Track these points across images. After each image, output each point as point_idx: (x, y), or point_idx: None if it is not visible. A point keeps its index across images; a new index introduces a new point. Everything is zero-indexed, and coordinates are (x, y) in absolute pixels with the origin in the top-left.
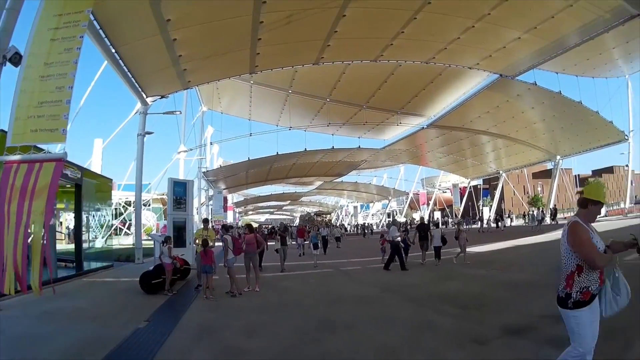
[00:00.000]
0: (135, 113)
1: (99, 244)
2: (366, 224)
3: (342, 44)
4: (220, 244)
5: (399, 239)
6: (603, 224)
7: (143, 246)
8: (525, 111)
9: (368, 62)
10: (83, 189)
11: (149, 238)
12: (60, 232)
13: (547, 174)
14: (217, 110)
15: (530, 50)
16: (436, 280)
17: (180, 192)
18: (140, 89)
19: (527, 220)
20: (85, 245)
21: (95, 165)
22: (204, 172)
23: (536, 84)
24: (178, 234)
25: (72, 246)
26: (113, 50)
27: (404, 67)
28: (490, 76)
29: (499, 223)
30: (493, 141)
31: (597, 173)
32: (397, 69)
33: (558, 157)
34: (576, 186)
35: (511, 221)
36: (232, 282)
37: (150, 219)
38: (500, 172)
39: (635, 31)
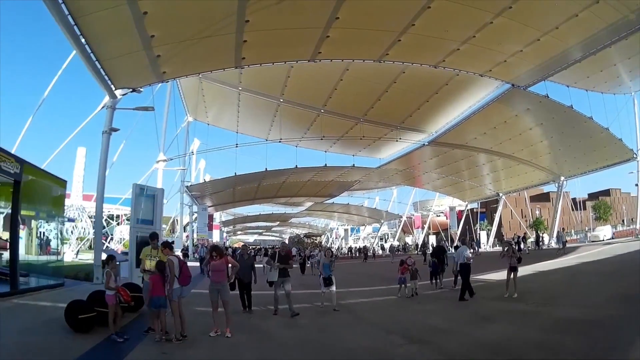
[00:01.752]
0: (103, 107)
1: (68, 257)
2: (366, 247)
3: (343, 36)
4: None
5: (471, 260)
6: (616, 246)
7: None
8: (533, 128)
9: (371, 63)
10: (23, 187)
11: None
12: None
13: (544, 197)
14: (204, 121)
15: (547, 55)
16: (470, 320)
17: (146, 202)
18: (107, 78)
19: (534, 245)
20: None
21: (77, 175)
22: (187, 187)
23: (548, 97)
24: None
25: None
26: (72, 22)
27: (408, 74)
28: (500, 87)
29: (521, 246)
30: (493, 162)
31: (594, 196)
32: (400, 76)
33: (562, 178)
34: (573, 209)
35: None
36: (180, 322)
37: None
38: (500, 194)
39: None
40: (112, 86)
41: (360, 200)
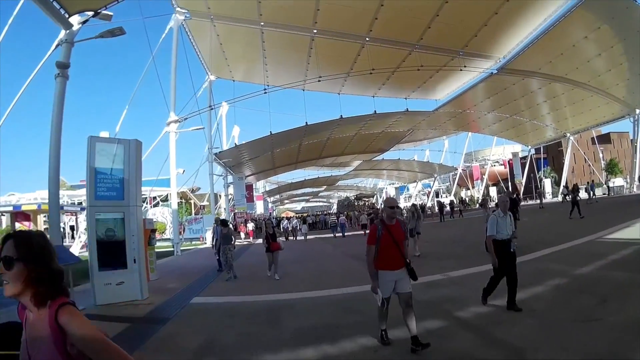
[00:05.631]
0: (58, 45)
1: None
2: (441, 202)
3: None
4: None
5: None
6: None
7: None
8: (615, 45)
9: None
10: None
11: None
12: None
13: (604, 139)
14: (228, 77)
15: None
16: None
17: (106, 163)
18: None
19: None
20: None
21: None
22: (216, 154)
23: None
24: (108, 247)
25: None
26: None
27: None
28: None
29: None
30: (557, 97)
31: None
32: None
33: (638, 110)
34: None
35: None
36: None
37: (167, 215)
38: (567, 134)
39: None
40: (62, 11)
41: (409, 154)
